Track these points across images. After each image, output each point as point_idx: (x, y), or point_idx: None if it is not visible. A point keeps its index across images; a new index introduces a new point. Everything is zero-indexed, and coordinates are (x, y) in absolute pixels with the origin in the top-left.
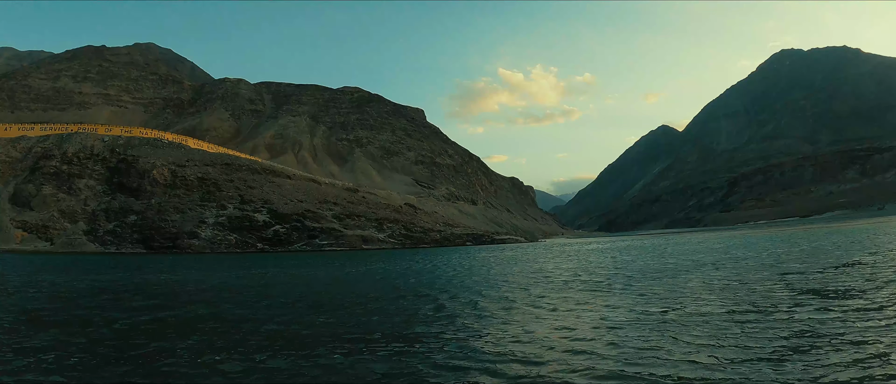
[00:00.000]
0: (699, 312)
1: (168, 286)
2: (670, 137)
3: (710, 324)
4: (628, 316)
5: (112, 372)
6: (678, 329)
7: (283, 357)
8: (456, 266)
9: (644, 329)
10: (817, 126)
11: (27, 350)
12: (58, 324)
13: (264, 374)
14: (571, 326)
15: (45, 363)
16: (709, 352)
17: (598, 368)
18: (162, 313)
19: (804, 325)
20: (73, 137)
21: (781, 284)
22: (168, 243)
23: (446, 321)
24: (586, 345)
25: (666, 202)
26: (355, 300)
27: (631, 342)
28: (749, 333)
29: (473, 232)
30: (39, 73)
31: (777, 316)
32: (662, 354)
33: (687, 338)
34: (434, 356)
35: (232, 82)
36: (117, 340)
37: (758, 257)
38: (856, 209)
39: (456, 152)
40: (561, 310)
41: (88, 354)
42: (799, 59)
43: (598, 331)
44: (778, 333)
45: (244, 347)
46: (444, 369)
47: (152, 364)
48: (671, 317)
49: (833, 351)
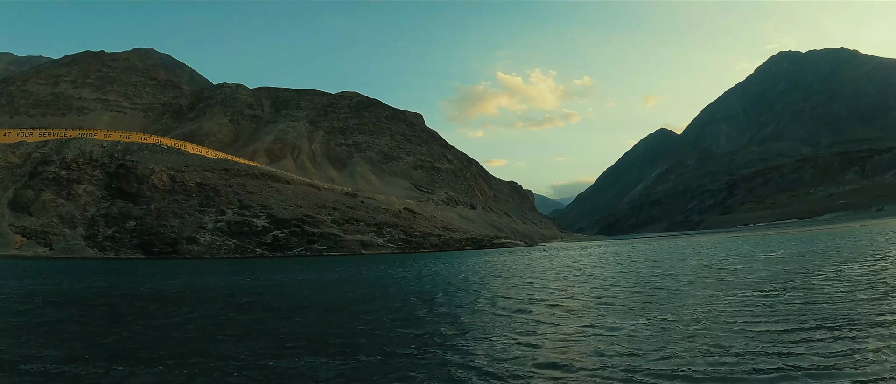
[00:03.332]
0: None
1: (200, 291)
2: (669, 140)
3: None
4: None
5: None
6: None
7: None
8: (455, 272)
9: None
10: (816, 128)
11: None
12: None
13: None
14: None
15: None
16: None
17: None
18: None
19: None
20: (72, 143)
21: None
22: (167, 249)
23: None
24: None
25: (665, 205)
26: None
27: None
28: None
29: (473, 236)
30: (39, 78)
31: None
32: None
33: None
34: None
35: (231, 87)
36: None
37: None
38: (856, 210)
39: (455, 157)
40: (575, 321)
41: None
42: (797, 61)
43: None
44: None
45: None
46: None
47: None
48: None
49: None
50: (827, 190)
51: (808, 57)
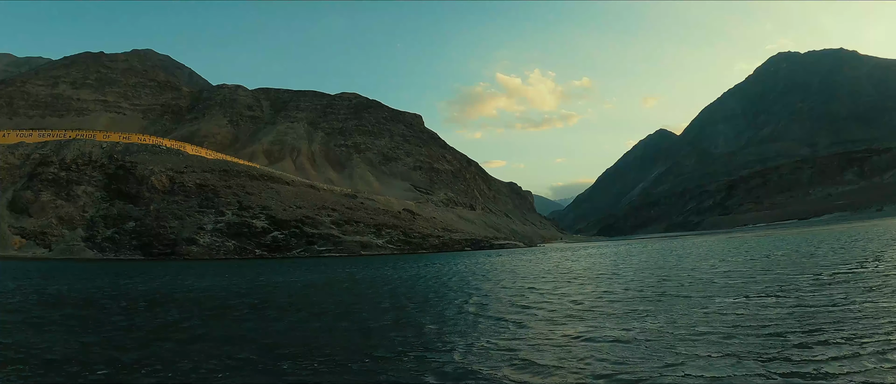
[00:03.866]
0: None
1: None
2: (668, 141)
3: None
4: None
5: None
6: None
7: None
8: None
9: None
10: (815, 128)
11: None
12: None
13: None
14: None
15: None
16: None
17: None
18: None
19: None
20: (72, 144)
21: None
22: (167, 250)
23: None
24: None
25: (664, 206)
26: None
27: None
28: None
29: (472, 237)
30: (38, 79)
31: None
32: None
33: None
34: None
35: (230, 88)
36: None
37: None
38: (855, 211)
39: (454, 158)
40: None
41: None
42: (796, 62)
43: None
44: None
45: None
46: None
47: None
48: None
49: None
50: (826, 190)
51: (806, 57)
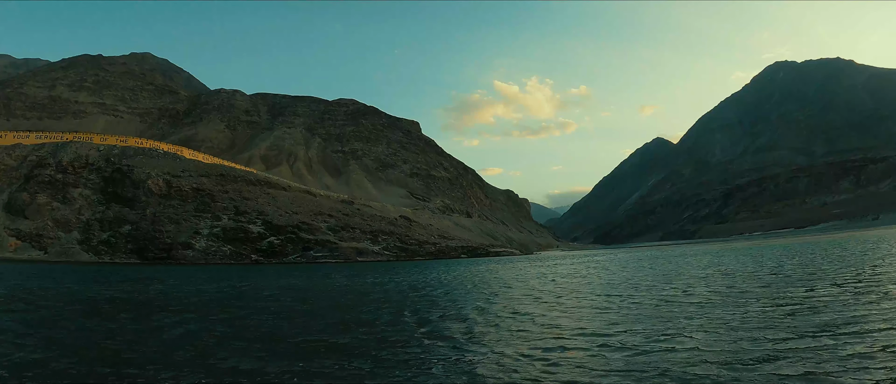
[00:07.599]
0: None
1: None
2: (665, 150)
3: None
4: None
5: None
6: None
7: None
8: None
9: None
10: (811, 137)
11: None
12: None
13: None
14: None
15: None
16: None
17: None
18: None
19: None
20: (69, 146)
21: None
22: (162, 254)
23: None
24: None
25: (661, 214)
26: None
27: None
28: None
29: (468, 244)
30: (35, 81)
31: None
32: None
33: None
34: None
35: (227, 93)
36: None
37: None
38: (850, 220)
39: (451, 165)
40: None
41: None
42: (793, 71)
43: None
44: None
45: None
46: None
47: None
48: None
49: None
50: (822, 199)
51: (803, 67)
